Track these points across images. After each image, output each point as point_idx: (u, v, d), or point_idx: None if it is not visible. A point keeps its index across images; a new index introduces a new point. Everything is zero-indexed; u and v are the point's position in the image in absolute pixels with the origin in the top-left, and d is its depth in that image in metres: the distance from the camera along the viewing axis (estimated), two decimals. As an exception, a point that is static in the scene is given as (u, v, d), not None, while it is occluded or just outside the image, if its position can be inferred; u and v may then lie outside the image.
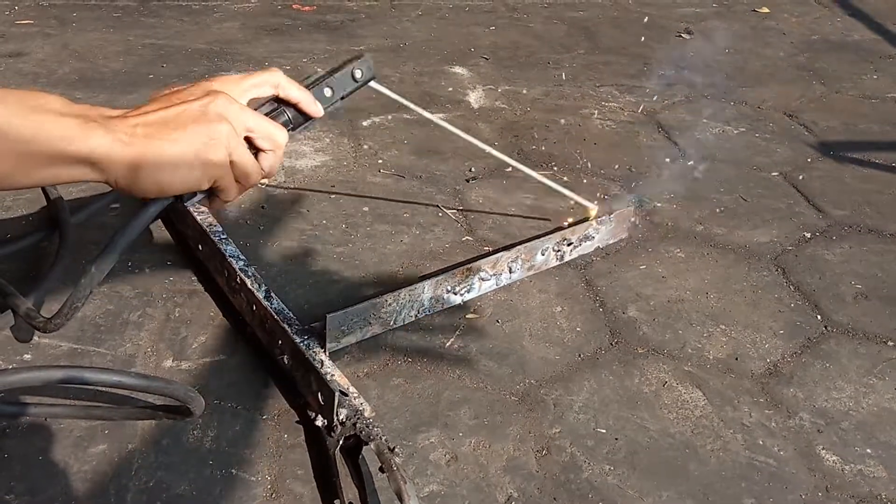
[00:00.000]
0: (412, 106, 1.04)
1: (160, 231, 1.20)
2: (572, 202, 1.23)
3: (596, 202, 1.24)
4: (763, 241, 1.29)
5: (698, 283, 1.17)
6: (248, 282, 0.98)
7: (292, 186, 1.36)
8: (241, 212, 1.27)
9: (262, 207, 1.29)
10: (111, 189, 0.62)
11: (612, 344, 1.05)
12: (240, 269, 1.01)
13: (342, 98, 0.82)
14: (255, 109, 0.71)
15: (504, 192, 1.38)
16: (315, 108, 0.76)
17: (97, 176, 0.59)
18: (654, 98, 1.83)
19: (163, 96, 0.66)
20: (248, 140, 0.67)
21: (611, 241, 1.25)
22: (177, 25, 2.11)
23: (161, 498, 0.79)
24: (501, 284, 1.13)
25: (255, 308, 0.98)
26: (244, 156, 0.66)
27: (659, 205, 1.36)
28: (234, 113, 0.65)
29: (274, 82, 0.73)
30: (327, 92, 0.79)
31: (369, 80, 0.85)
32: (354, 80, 0.83)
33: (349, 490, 0.79)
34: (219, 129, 0.63)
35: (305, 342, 0.91)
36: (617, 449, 0.88)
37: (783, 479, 0.86)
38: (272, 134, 0.68)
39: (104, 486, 0.79)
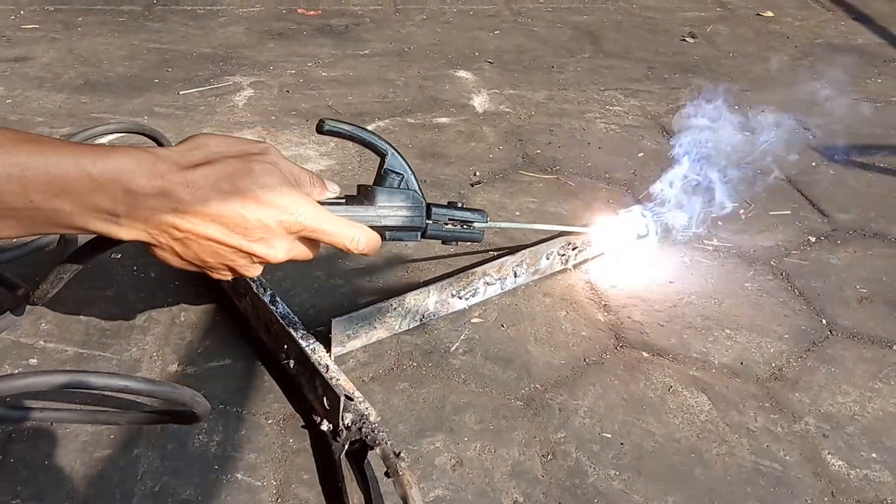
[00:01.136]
0: (525, 226, 1.22)
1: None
2: (574, 204, 1.23)
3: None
4: (767, 245, 1.29)
5: (703, 288, 1.17)
6: (254, 286, 0.98)
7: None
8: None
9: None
10: None
11: (616, 348, 1.05)
12: (245, 274, 1.01)
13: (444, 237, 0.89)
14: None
15: (509, 197, 1.38)
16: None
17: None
18: (659, 102, 1.83)
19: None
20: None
21: (615, 246, 1.25)
22: (182, 30, 2.12)
23: (167, 502, 0.79)
24: (506, 289, 1.13)
25: (260, 312, 0.98)
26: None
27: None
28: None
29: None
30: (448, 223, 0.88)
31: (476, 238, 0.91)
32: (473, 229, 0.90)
33: (355, 495, 0.79)
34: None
35: (311, 346, 0.91)
36: (622, 454, 0.88)
37: (789, 484, 0.86)
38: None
39: (110, 491, 0.80)
